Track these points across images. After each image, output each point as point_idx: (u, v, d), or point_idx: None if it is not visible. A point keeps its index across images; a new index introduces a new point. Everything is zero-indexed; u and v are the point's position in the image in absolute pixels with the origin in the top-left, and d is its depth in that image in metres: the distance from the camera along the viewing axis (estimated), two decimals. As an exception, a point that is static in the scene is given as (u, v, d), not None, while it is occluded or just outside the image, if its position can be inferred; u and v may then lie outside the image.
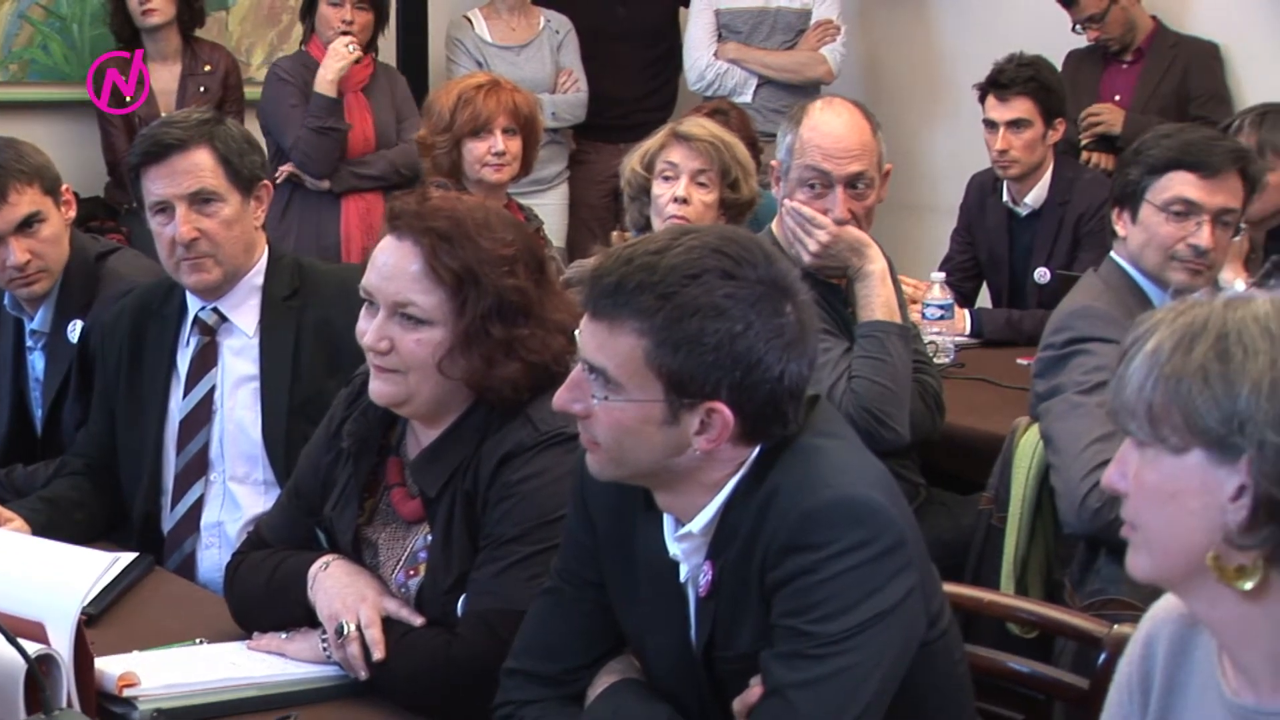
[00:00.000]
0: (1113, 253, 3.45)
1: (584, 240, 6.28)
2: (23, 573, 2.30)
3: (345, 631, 2.45)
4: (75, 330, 3.54)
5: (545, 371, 2.48)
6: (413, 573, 2.56)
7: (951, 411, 3.79)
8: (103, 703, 2.35)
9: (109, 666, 2.40)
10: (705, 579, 2.14)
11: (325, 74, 5.75)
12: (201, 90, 6.00)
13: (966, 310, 5.09)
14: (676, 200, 3.95)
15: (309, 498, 2.70)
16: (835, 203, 3.57)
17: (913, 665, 2.10)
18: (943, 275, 4.92)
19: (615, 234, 4.25)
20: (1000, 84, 5.21)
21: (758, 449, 2.11)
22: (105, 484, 3.28)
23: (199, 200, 3.17)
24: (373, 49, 6.00)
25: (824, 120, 3.60)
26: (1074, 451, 3.16)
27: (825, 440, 2.13)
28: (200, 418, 3.22)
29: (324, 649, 2.51)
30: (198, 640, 2.63)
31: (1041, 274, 5.15)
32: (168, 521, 3.23)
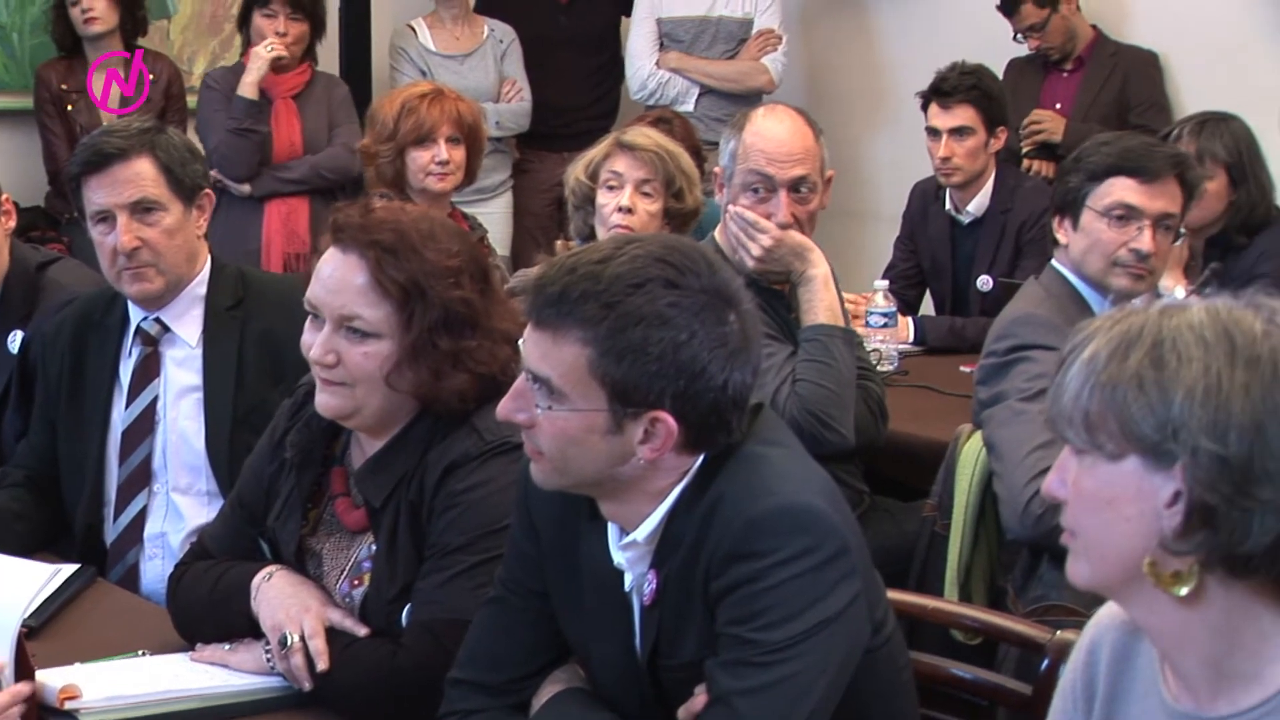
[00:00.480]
0: (1054, 260, 3.47)
1: (528, 249, 6.26)
2: (-37, 585, 2.29)
3: (289, 642, 2.44)
4: (16, 341, 3.50)
5: (492, 381, 2.46)
6: (357, 583, 2.55)
7: (895, 418, 3.79)
8: (44, 716, 2.34)
9: (50, 679, 2.38)
10: (650, 588, 2.14)
11: (246, 76, 5.79)
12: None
13: (910, 318, 5.11)
14: (621, 210, 3.95)
15: (252, 508, 2.69)
16: (779, 207, 3.58)
17: (857, 672, 2.11)
18: (886, 283, 4.93)
19: (559, 243, 4.24)
20: (943, 92, 5.21)
21: (701, 458, 2.11)
22: (47, 495, 3.25)
23: (140, 209, 3.16)
24: (310, 58, 6.00)
25: (767, 125, 3.61)
26: (1016, 458, 3.18)
27: (769, 448, 2.13)
28: (143, 428, 3.21)
29: (268, 660, 2.49)
30: (140, 652, 2.61)
31: (984, 282, 5.16)
32: (110, 533, 3.21)
